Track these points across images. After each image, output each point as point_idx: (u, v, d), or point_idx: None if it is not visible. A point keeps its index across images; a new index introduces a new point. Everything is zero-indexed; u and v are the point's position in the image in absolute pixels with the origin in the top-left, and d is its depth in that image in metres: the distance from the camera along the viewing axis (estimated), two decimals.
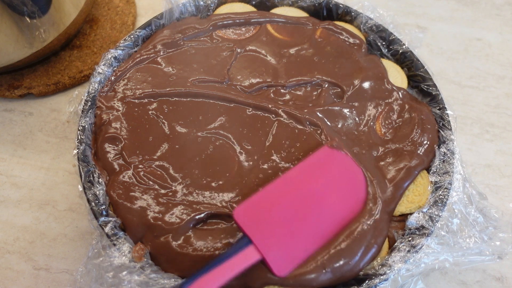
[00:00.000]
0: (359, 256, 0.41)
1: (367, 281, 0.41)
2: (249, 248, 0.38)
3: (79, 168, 0.46)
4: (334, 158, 0.44)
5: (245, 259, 0.37)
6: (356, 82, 0.53)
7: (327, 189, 0.42)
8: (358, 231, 0.42)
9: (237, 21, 0.58)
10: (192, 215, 0.43)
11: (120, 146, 0.48)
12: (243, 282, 0.41)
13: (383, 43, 0.57)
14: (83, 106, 0.50)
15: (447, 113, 0.51)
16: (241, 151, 0.48)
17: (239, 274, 0.37)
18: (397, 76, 0.55)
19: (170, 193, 0.45)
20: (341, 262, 0.41)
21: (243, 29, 0.58)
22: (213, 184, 0.46)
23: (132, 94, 0.51)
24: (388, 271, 0.41)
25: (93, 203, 0.44)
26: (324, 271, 0.41)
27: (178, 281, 0.40)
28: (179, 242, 0.42)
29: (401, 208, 0.46)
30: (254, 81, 0.53)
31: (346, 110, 0.51)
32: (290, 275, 0.40)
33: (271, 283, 0.41)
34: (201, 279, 0.36)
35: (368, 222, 0.43)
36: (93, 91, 0.51)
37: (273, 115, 0.50)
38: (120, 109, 0.50)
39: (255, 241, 0.38)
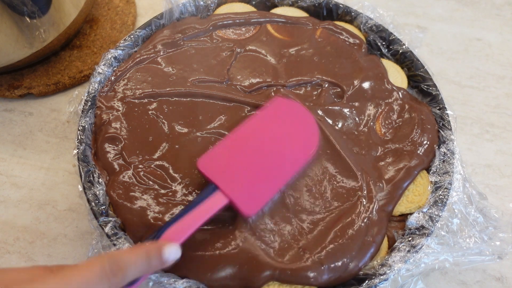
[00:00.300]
0: (355, 252, 0.42)
1: (367, 281, 0.41)
2: (216, 194, 0.40)
3: (79, 168, 0.46)
4: (283, 105, 0.46)
5: (213, 204, 0.40)
6: (356, 82, 0.53)
7: (281, 133, 0.44)
8: (354, 229, 0.43)
9: (237, 21, 0.58)
10: None
11: (120, 146, 0.48)
12: (243, 282, 0.41)
13: (383, 43, 0.57)
14: (83, 106, 0.50)
15: (447, 113, 0.51)
16: None
17: (208, 219, 0.39)
18: (397, 76, 0.55)
19: (170, 193, 0.45)
20: (339, 259, 0.41)
21: (243, 29, 0.58)
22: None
23: (132, 94, 0.51)
24: (388, 271, 0.41)
25: (93, 203, 0.44)
26: (322, 267, 0.41)
27: (178, 281, 0.40)
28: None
29: (401, 208, 0.46)
30: (254, 81, 0.53)
31: (346, 110, 0.51)
32: (290, 270, 0.41)
33: (271, 280, 0.41)
34: (174, 226, 0.38)
35: (365, 220, 0.43)
36: (93, 91, 0.51)
37: None
38: (120, 109, 0.50)
39: (221, 186, 0.40)
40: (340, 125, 0.50)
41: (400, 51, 0.56)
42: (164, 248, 0.35)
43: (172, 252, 0.35)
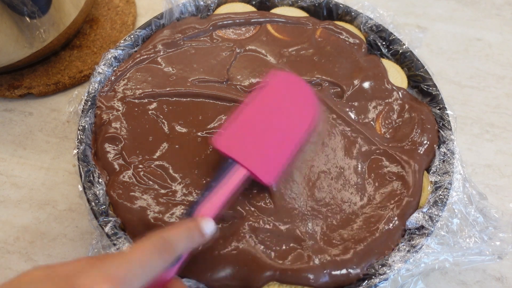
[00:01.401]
0: (362, 266, 0.42)
1: (367, 281, 0.41)
2: (236, 167, 0.42)
3: (79, 168, 0.46)
4: (283, 78, 0.48)
5: (235, 177, 0.42)
6: (356, 82, 0.53)
7: (285, 104, 0.47)
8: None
9: (237, 21, 0.58)
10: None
11: (120, 146, 0.48)
12: (243, 283, 0.41)
13: (383, 43, 0.57)
14: (83, 106, 0.50)
15: (447, 113, 0.51)
16: None
17: (233, 192, 0.41)
18: (397, 76, 0.55)
19: (170, 193, 0.45)
20: (341, 268, 0.41)
21: (243, 29, 0.58)
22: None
23: (132, 94, 0.51)
24: (388, 271, 0.41)
25: (93, 203, 0.44)
26: (324, 271, 0.41)
27: (177, 281, 0.40)
28: None
29: None
30: (254, 81, 0.53)
31: (346, 110, 0.51)
32: (290, 271, 0.41)
33: (271, 281, 0.41)
34: (202, 203, 0.39)
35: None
36: (93, 91, 0.51)
37: None
38: (120, 109, 0.50)
39: (238, 160, 0.42)
40: None
41: (400, 51, 0.56)
42: (202, 223, 0.37)
43: (209, 226, 0.37)
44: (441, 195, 0.45)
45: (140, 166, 0.47)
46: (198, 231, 0.36)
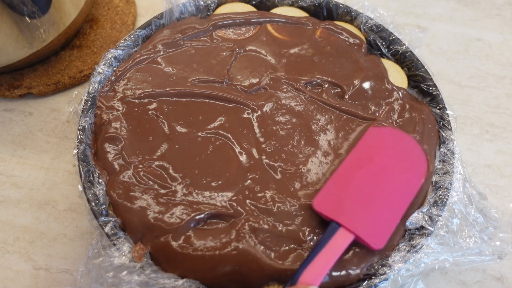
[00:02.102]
0: (361, 267, 0.42)
1: (367, 281, 0.41)
2: (340, 231, 0.40)
3: (79, 168, 0.46)
4: (385, 134, 0.46)
5: (340, 242, 0.39)
6: (356, 82, 0.53)
7: (389, 161, 0.44)
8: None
9: (237, 21, 0.58)
10: (192, 215, 0.43)
11: (120, 146, 0.48)
12: (243, 283, 0.41)
13: (383, 43, 0.57)
14: (83, 106, 0.50)
15: (447, 113, 0.51)
16: (241, 151, 0.48)
17: (338, 258, 0.39)
18: (397, 76, 0.55)
19: (170, 193, 0.45)
20: (341, 269, 0.41)
21: (243, 29, 0.58)
22: (213, 184, 0.46)
23: (132, 94, 0.51)
24: (388, 271, 0.41)
25: (93, 203, 0.44)
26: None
27: (178, 281, 0.40)
28: (179, 242, 0.42)
29: None
30: (254, 81, 0.53)
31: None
32: (291, 271, 0.40)
33: (271, 281, 0.41)
34: (307, 270, 0.38)
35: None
36: (93, 91, 0.51)
37: None
38: (120, 109, 0.50)
39: (343, 223, 0.40)
40: None
41: (400, 51, 0.56)
42: None
43: None
44: (441, 195, 0.45)
45: (140, 166, 0.47)
46: None
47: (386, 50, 0.57)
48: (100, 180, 0.46)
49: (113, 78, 0.52)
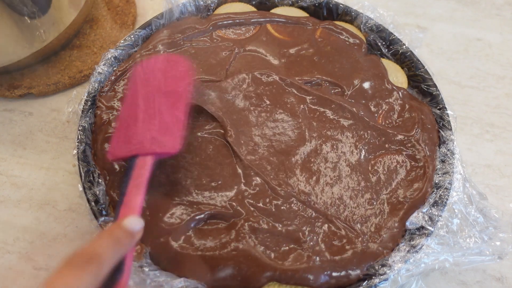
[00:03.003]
0: (361, 268, 0.42)
1: (367, 281, 0.41)
2: (138, 160, 0.41)
3: (79, 168, 0.46)
4: (146, 65, 0.48)
5: (142, 168, 0.41)
6: (356, 82, 0.53)
7: (158, 83, 0.46)
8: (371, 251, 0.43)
9: (237, 21, 0.58)
10: (192, 215, 0.43)
11: None
12: (243, 283, 0.41)
13: (383, 43, 0.57)
14: (83, 106, 0.50)
15: (447, 113, 0.51)
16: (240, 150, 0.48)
17: (147, 182, 0.40)
18: (397, 76, 0.55)
19: (170, 193, 0.45)
20: (341, 270, 0.41)
21: (243, 29, 0.58)
22: (212, 184, 0.46)
23: None
24: (388, 271, 0.41)
25: (93, 203, 0.44)
26: (324, 272, 0.41)
27: (177, 280, 0.40)
28: (179, 242, 0.42)
29: None
30: None
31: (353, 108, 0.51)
32: (291, 271, 0.41)
33: (271, 281, 0.41)
34: (123, 204, 0.39)
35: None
36: (93, 91, 0.51)
37: None
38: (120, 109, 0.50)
39: (136, 152, 0.42)
40: None
41: (400, 51, 0.56)
42: (124, 222, 0.36)
43: (132, 222, 0.36)
44: (441, 195, 0.45)
45: None
46: (123, 233, 0.35)
47: (386, 50, 0.57)
48: (100, 180, 0.46)
49: (113, 78, 0.52)
